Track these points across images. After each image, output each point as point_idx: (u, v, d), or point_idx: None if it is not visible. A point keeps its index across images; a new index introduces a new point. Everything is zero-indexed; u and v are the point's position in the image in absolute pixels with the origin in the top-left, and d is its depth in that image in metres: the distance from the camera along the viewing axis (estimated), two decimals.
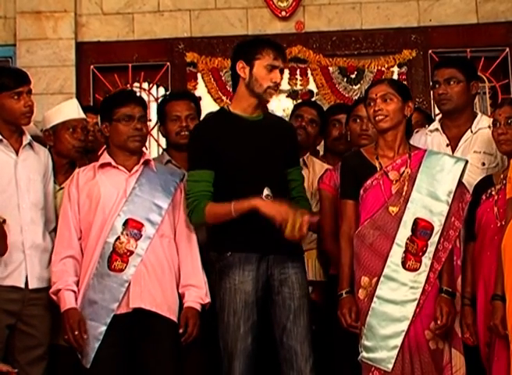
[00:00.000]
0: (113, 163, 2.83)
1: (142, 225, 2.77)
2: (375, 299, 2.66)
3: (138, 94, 3.87)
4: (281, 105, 5.61)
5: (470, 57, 4.41)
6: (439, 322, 2.63)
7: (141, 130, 2.82)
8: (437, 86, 3.03)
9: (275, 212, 2.66)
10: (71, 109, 3.11)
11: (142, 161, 2.85)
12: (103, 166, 2.84)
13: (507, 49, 4.57)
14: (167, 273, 2.79)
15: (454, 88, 3.00)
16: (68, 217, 2.81)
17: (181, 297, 2.82)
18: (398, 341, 2.63)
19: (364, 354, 2.66)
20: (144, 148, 3.04)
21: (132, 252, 2.75)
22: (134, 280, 2.72)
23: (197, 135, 2.89)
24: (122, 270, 2.73)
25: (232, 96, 4.55)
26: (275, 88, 2.81)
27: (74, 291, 2.75)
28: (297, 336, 2.75)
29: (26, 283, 2.78)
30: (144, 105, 2.92)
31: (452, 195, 2.71)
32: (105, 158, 2.85)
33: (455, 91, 3.00)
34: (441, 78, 3.02)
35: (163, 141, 4.06)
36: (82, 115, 3.12)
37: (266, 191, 2.75)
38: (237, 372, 2.71)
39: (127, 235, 2.75)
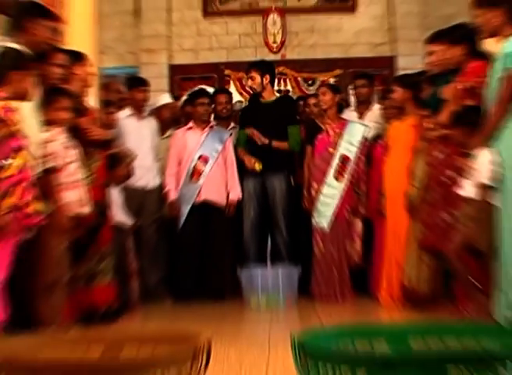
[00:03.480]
0: (194, 127, 4.86)
1: (208, 157, 4.71)
2: (320, 195, 4.58)
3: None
4: None
5: None
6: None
7: (208, 111, 4.88)
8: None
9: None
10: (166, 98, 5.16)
11: (209, 125, 4.86)
12: (189, 128, 4.85)
13: None
14: (221, 181, 4.74)
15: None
16: (174, 154, 4.79)
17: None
18: (331, 211, 4.56)
19: (315, 220, 4.61)
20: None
21: (202, 171, 4.69)
22: (203, 186, 4.68)
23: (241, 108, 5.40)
24: (197, 181, 4.69)
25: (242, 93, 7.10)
26: (253, 85, 4.88)
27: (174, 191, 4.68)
28: (278, 212, 4.82)
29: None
30: (210, 97, 4.96)
31: (359, 143, 4.63)
32: (190, 124, 4.86)
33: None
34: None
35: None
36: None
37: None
38: (247, 227, 4.89)
39: (200, 162, 4.71)
